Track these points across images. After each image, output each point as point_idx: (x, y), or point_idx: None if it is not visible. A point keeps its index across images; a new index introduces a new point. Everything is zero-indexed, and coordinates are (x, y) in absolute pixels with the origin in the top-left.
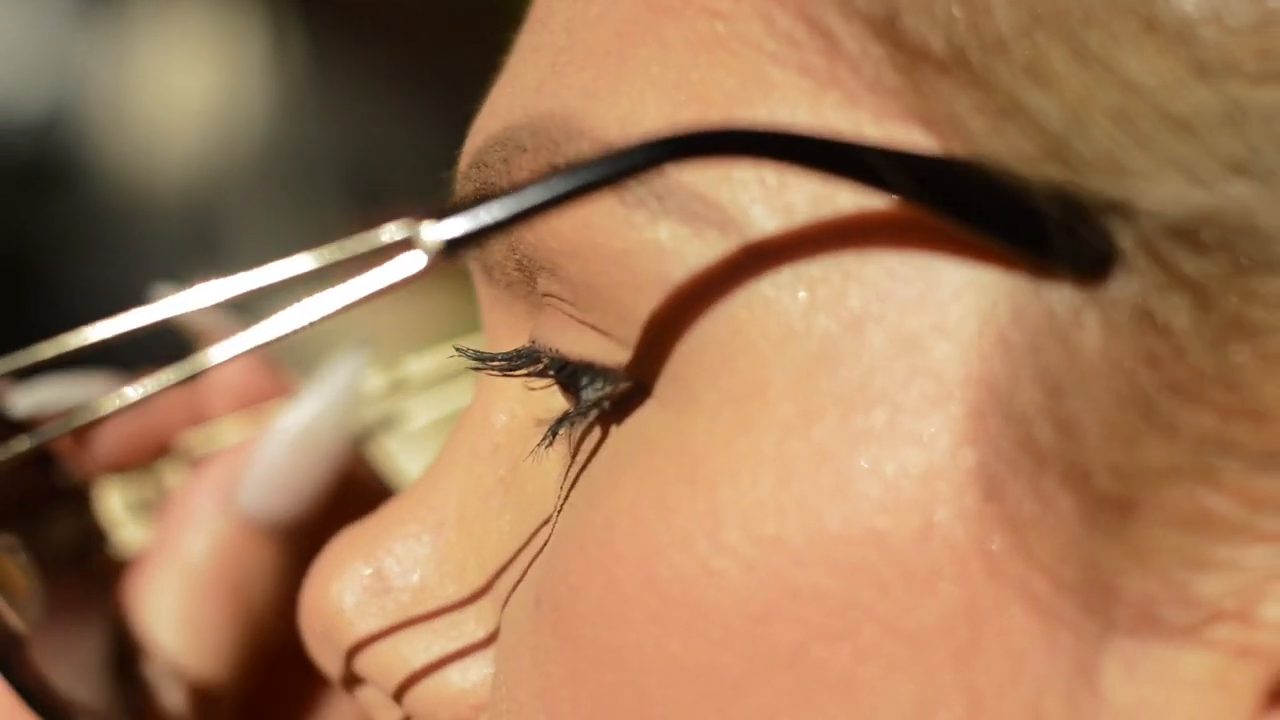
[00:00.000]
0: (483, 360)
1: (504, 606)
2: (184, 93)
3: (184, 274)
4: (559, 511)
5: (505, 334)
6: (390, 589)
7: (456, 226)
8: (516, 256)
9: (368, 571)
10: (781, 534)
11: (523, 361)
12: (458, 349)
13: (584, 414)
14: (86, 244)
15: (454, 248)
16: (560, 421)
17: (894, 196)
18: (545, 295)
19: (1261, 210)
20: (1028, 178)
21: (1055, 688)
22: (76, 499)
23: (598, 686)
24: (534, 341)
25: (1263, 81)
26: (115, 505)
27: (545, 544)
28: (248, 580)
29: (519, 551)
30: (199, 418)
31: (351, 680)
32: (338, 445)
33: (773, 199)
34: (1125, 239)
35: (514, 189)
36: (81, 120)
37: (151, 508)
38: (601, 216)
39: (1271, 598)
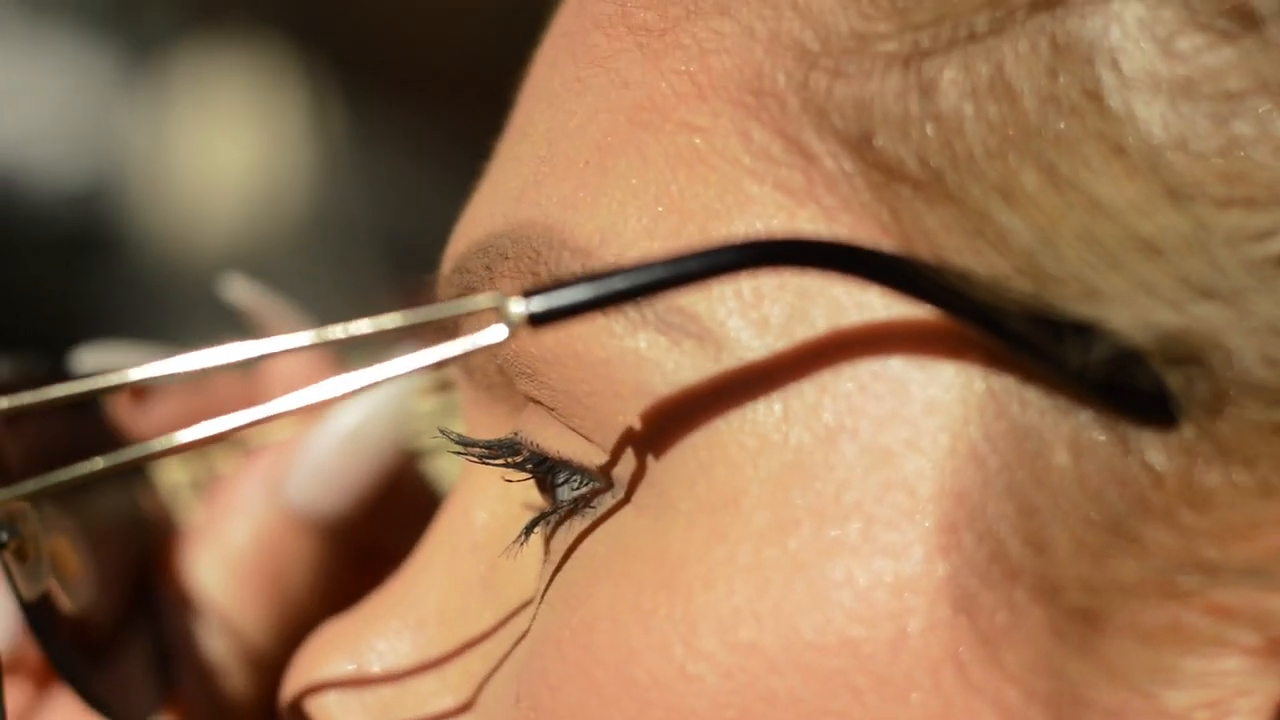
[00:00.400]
0: (464, 445)
1: (481, 706)
2: (224, 162)
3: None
4: (537, 610)
5: (486, 434)
6: (372, 685)
7: (542, 303)
8: (497, 361)
9: (350, 667)
10: (757, 641)
11: (503, 451)
12: (441, 431)
13: (560, 514)
14: (128, 313)
15: (536, 322)
16: (536, 520)
17: (883, 302)
18: (527, 397)
19: (1230, 332)
20: (999, 294)
21: None
22: (132, 476)
23: None
24: (516, 434)
25: (1228, 205)
26: (170, 484)
27: (522, 644)
28: (287, 571)
29: (498, 649)
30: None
31: None
32: (387, 448)
33: (748, 311)
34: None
35: (609, 273)
36: (123, 190)
37: (201, 490)
38: (581, 325)
39: (1242, 711)
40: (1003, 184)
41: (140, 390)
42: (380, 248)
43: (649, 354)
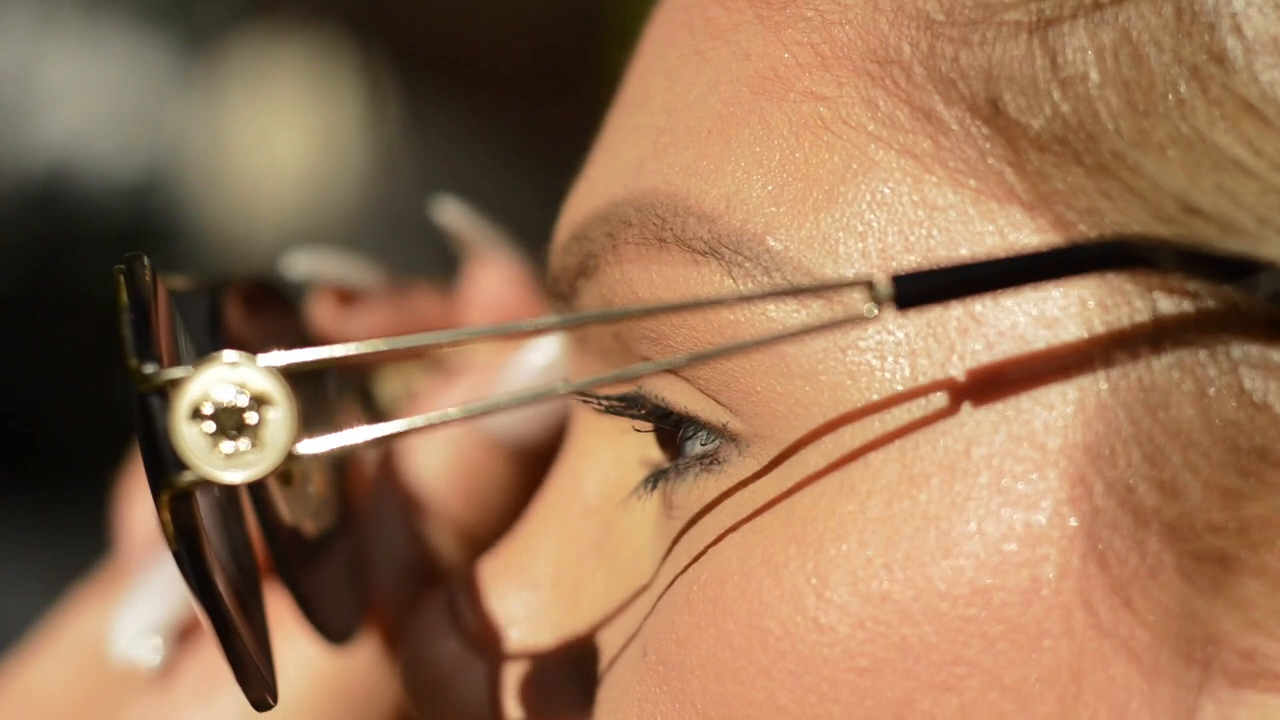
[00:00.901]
0: (589, 398)
1: (601, 661)
2: (280, 154)
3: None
4: (660, 567)
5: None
6: (489, 647)
7: (914, 287)
8: (614, 329)
9: (468, 630)
10: (889, 592)
11: (626, 405)
12: (565, 383)
13: (683, 470)
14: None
15: (903, 304)
16: (660, 475)
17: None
18: (643, 360)
19: None
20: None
21: None
22: (338, 386)
23: None
24: (640, 389)
25: None
26: (383, 396)
27: (642, 600)
28: (480, 491)
29: (616, 609)
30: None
31: None
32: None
33: (873, 272)
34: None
35: (974, 264)
36: (178, 183)
37: (398, 405)
38: (710, 287)
39: None
40: (1136, 143)
41: (347, 295)
42: (434, 240)
43: (777, 315)
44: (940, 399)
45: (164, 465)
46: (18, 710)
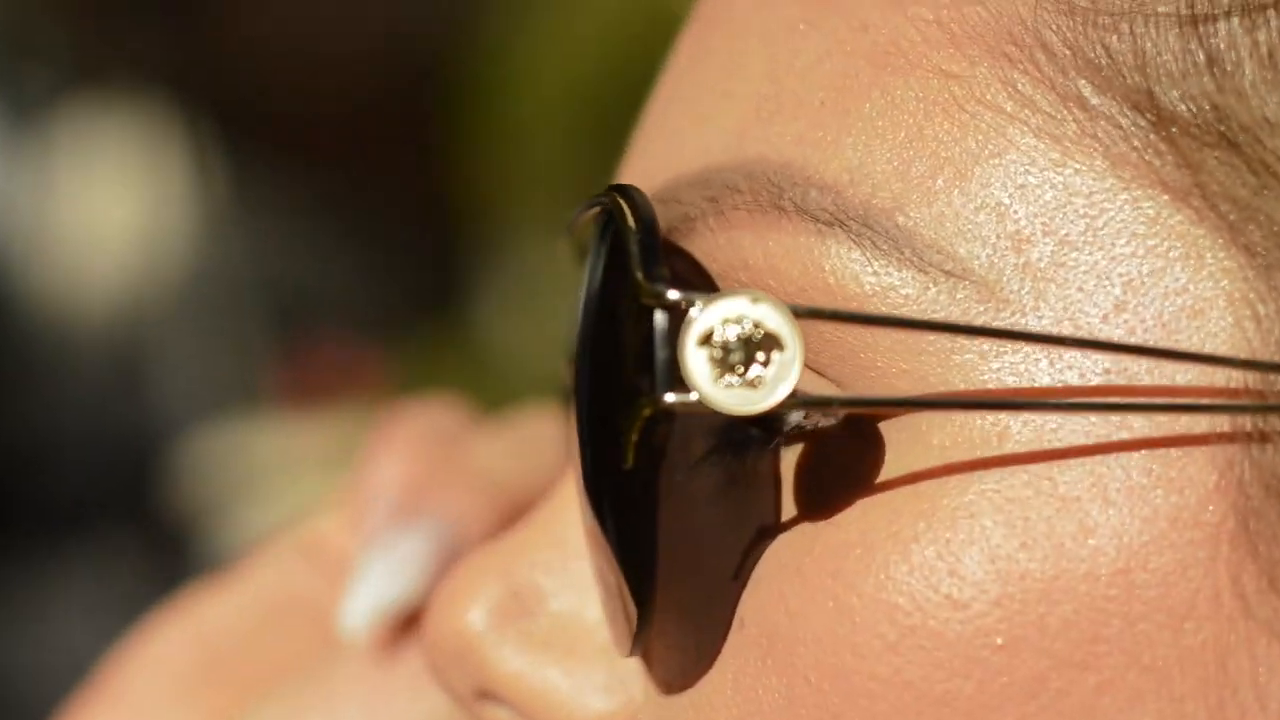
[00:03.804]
0: None
1: (670, 631)
2: (108, 222)
3: (108, 403)
4: (755, 540)
5: None
6: (529, 613)
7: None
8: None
9: (504, 595)
10: (1028, 571)
11: None
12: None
13: (791, 442)
14: (8, 375)
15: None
16: (766, 447)
17: None
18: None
19: None
20: None
21: None
22: None
23: (820, 711)
24: None
25: None
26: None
27: (721, 570)
28: None
29: (688, 577)
30: None
31: (481, 700)
32: None
33: (1016, 254)
34: None
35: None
36: (4, 251)
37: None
38: (836, 260)
39: None
40: None
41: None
42: (263, 304)
43: (904, 291)
44: (1079, 384)
45: (657, 384)
46: (193, 643)
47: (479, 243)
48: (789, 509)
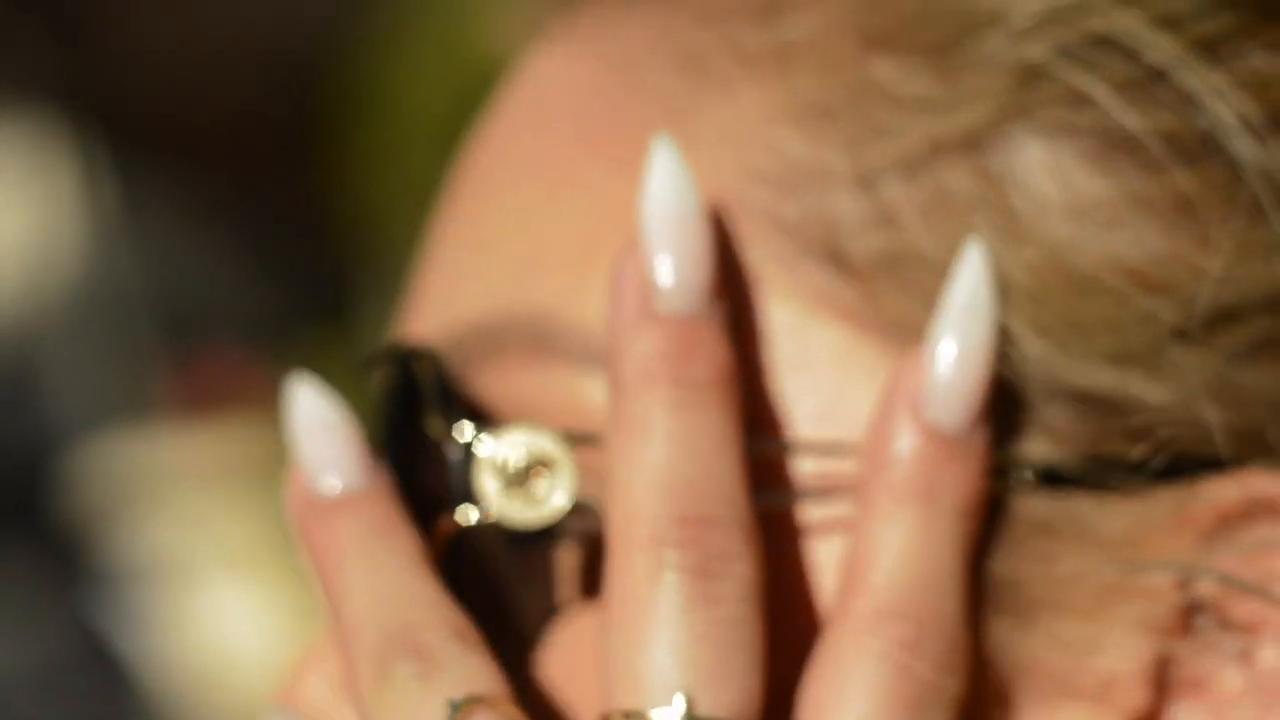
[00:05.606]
0: None
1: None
2: None
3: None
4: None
5: None
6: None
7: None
8: None
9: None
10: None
11: None
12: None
13: (570, 543)
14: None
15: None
16: (550, 548)
17: None
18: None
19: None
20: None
21: None
22: None
23: None
24: None
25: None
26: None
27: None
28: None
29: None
30: None
31: None
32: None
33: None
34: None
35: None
36: None
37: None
38: (595, 391)
39: None
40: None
41: None
42: (154, 318)
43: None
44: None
45: (454, 502)
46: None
47: (365, 252)
48: (568, 597)
